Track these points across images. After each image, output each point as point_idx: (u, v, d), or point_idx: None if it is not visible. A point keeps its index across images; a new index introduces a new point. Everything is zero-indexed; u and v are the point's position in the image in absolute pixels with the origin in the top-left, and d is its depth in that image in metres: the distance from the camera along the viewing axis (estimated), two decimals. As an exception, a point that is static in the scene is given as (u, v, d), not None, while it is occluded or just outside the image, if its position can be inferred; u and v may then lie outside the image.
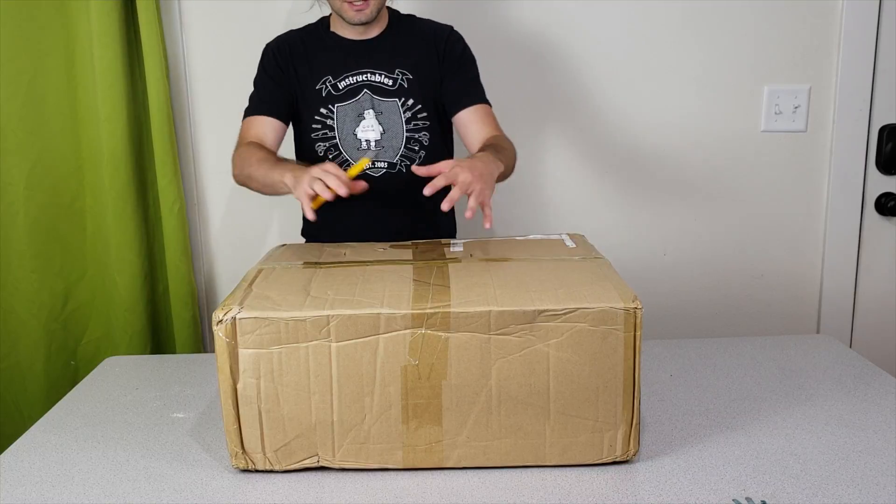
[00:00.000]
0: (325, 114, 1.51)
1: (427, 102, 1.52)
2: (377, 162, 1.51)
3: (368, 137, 1.50)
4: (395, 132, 1.51)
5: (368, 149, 1.51)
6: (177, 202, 1.88)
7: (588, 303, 0.99)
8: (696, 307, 2.05)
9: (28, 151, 1.85)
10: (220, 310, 1.00)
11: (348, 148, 1.51)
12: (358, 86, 1.50)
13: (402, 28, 1.55)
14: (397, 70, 1.50)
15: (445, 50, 1.53)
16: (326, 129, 1.52)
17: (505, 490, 1.00)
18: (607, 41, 1.91)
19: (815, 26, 1.91)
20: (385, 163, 1.52)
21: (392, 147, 1.51)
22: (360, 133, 1.50)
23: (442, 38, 1.54)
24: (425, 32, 1.55)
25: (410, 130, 1.52)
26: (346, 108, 1.50)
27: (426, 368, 1.00)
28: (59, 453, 1.13)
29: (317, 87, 1.51)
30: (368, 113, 1.50)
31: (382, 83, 1.50)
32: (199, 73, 1.91)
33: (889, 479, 1.01)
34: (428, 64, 1.52)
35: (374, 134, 1.50)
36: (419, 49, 1.53)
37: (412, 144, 1.52)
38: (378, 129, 1.50)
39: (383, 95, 1.50)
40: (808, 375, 1.34)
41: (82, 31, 1.81)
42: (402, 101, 1.50)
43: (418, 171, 1.26)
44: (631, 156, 1.97)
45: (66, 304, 1.94)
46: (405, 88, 1.50)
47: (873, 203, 2.00)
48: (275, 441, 1.03)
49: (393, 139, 1.51)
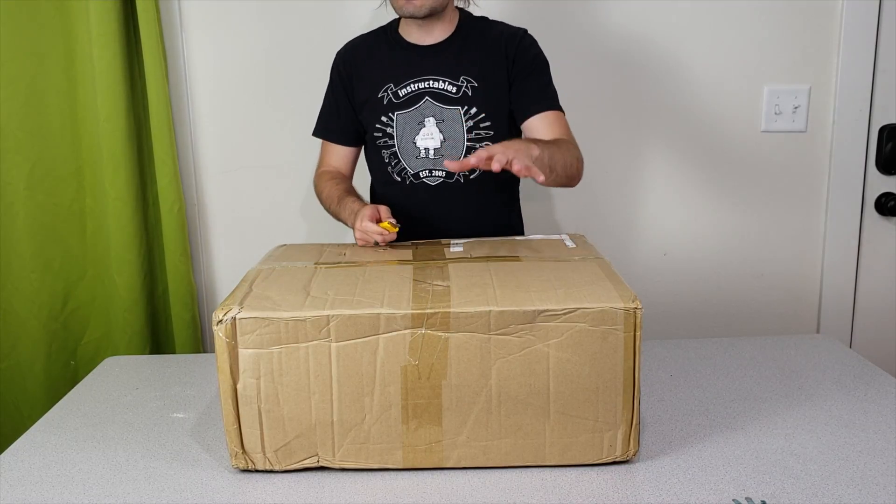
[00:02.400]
0: (385, 122, 1.48)
1: (492, 111, 1.47)
2: (435, 171, 1.48)
3: (428, 146, 1.47)
4: (456, 141, 1.47)
5: (428, 157, 1.48)
6: (177, 202, 1.88)
7: (588, 303, 0.99)
8: (696, 307, 2.05)
9: (28, 151, 1.85)
10: (220, 310, 1.00)
11: (407, 156, 1.49)
12: (419, 93, 1.46)
13: (471, 32, 1.49)
14: (462, 77, 1.46)
15: (516, 55, 1.47)
16: (387, 137, 1.49)
17: (505, 490, 1.00)
18: (606, 41, 1.91)
19: (815, 26, 1.91)
20: (443, 171, 1.49)
21: (452, 156, 1.47)
22: (420, 141, 1.47)
23: (513, 42, 1.48)
24: (496, 37, 1.49)
25: (472, 140, 1.47)
26: (406, 117, 1.47)
27: (426, 368, 1.00)
28: (59, 453, 1.13)
29: (379, 96, 1.48)
30: (429, 121, 1.46)
31: (445, 90, 1.46)
32: (199, 73, 1.91)
33: (889, 479, 1.01)
34: (496, 71, 1.47)
35: (433, 142, 1.47)
36: (488, 55, 1.47)
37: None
38: (438, 137, 1.46)
39: (446, 103, 1.46)
40: (808, 375, 1.34)
41: (82, 32, 1.81)
42: (465, 110, 1.46)
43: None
44: (631, 155, 1.97)
45: (66, 304, 1.94)
46: (469, 97, 1.46)
47: (873, 203, 2.00)
48: (275, 441, 1.03)
49: (453, 148, 1.47)
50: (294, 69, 1.90)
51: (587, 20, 1.90)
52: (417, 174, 1.49)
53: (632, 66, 1.92)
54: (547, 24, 1.84)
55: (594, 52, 1.91)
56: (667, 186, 1.99)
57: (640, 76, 1.93)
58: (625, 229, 2.01)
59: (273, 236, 1.98)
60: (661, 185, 1.99)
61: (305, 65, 1.88)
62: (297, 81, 1.90)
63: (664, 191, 1.99)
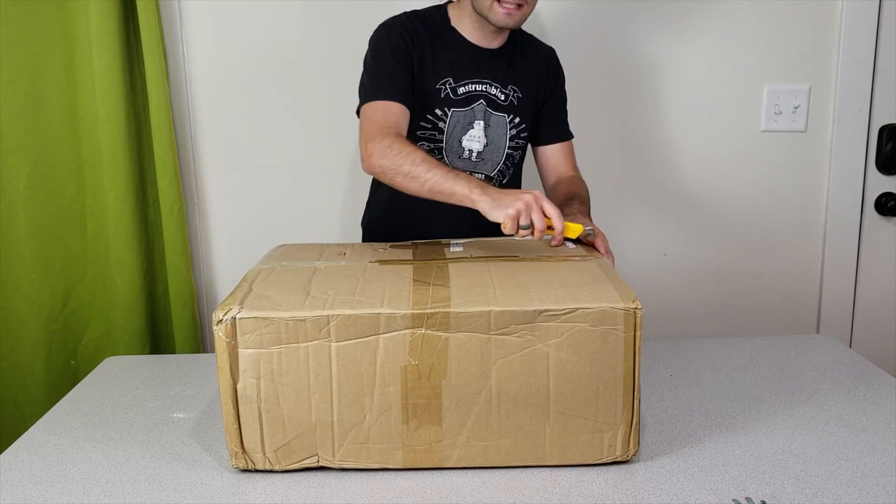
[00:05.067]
0: (438, 115, 1.46)
1: (528, 123, 1.51)
2: (475, 173, 1.49)
3: (472, 147, 1.48)
4: (498, 146, 1.49)
5: (470, 158, 1.48)
6: (177, 202, 1.88)
7: (588, 303, 0.99)
8: (696, 307, 2.05)
9: (28, 151, 1.85)
10: (220, 310, 1.00)
11: (451, 154, 1.48)
12: (476, 94, 1.47)
13: (518, 42, 1.51)
14: (510, 86, 1.48)
15: (554, 77, 1.52)
16: (436, 130, 1.47)
17: (505, 490, 1.00)
18: (605, 40, 1.91)
19: (815, 26, 1.91)
20: (482, 175, 1.50)
21: (492, 161, 1.50)
22: (466, 142, 1.48)
23: (552, 63, 1.54)
24: (538, 51, 1.54)
25: (511, 148, 1.50)
26: (460, 115, 1.47)
27: (426, 368, 1.00)
28: (59, 453, 1.13)
29: (437, 87, 1.45)
30: (478, 123, 1.47)
31: (497, 97, 1.47)
32: (199, 73, 1.91)
33: (889, 479, 1.01)
34: (536, 85, 1.51)
35: (478, 145, 1.48)
36: (534, 69, 1.51)
37: (508, 161, 1.51)
38: (483, 140, 1.47)
39: (496, 109, 1.48)
40: (808, 375, 1.34)
41: (82, 32, 1.81)
42: (511, 118, 1.49)
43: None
44: (631, 156, 1.97)
45: (66, 304, 1.94)
46: (514, 106, 1.49)
47: (873, 203, 2.00)
48: (275, 441, 1.03)
49: (494, 153, 1.49)
50: (295, 68, 1.90)
51: (587, 20, 1.90)
52: None
53: (632, 66, 1.92)
54: (547, 25, 1.84)
55: (594, 51, 1.91)
56: (667, 186, 1.99)
57: (640, 76, 1.93)
58: (625, 229, 2.01)
59: (273, 236, 1.98)
60: (662, 185, 1.99)
61: (306, 64, 1.87)
62: (297, 81, 1.89)
63: (664, 191, 1.99)
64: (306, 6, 1.88)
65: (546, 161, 1.57)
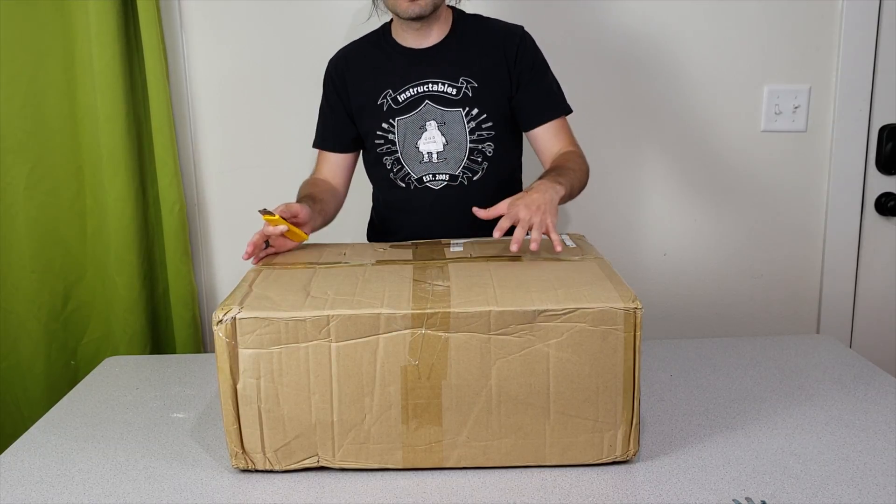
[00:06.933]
0: (386, 128, 1.47)
1: (493, 111, 1.46)
2: (438, 174, 1.48)
3: (430, 150, 1.47)
4: (459, 143, 1.46)
5: (431, 161, 1.47)
6: (177, 203, 1.88)
7: (588, 303, 0.99)
8: (696, 307, 2.05)
9: (28, 151, 1.85)
10: (220, 310, 1.00)
11: (410, 161, 1.48)
12: (419, 97, 1.45)
13: (467, 31, 1.48)
14: (462, 78, 1.45)
15: (518, 57, 1.45)
16: (389, 143, 1.48)
17: (505, 490, 1.00)
18: (605, 40, 1.91)
19: (815, 26, 1.91)
20: (447, 175, 1.48)
21: (455, 158, 1.47)
22: (422, 146, 1.47)
23: (513, 42, 1.46)
24: (493, 35, 1.47)
25: (474, 141, 1.47)
26: (407, 121, 1.46)
27: (426, 368, 1.00)
28: (59, 453, 1.13)
29: (378, 102, 1.47)
30: (430, 125, 1.45)
31: (445, 93, 1.45)
32: (199, 73, 1.91)
33: (889, 479, 1.01)
34: (496, 70, 1.46)
35: (436, 146, 1.46)
36: (487, 54, 1.46)
37: (475, 156, 1.47)
38: (441, 140, 1.46)
39: (446, 105, 1.45)
40: (807, 375, 1.34)
41: (81, 32, 1.81)
42: (467, 111, 1.45)
43: (479, 214, 1.24)
44: (630, 155, 1.97)
45: (66, 304, 1.94)
46: (469, 98, 1.45)
47: (873, 203, 2.00)
48: (275, 441, 1.03)
49: (456, 150, 1.47)
50: (294, 69, 1.90)
51: (587, 20, 1.90)
52: (421, 178, 1.49)
53: (631, 66, 1.92)
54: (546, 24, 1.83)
55: (594, 51, 1.91)
56: (667, 186, 1.99)
57: (640, 76, 1.93)
58: (625, 229, 2.01)
59: (273, 236, 1.98)
60: (661, 185, 1.99)
61: (306, 64, 1.87)
62: (297, 81, 1.90)
63: (664, 191, 1.99)
64: (307, 6, 1.88)
65: (538, 144, 1.51)
